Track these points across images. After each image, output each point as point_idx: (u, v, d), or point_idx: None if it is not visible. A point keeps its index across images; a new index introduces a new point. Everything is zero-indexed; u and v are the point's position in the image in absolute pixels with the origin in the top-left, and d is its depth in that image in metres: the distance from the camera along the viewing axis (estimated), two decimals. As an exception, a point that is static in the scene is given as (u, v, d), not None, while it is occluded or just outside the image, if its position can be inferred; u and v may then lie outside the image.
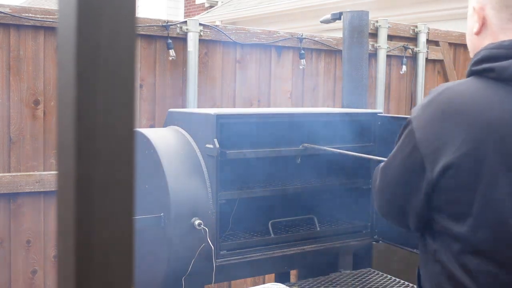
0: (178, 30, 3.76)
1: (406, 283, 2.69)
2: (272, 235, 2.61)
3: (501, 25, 1.48)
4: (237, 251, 2.50)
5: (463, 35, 5.16)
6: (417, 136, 1.41)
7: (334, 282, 2.66)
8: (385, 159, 1.60)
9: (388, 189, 1.56)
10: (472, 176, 1.36)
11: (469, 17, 1.57)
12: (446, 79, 5.08)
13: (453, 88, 1.45)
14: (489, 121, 1.36)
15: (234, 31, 4.00)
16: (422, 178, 1.42)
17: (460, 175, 1.36)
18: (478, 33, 1.53)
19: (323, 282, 2.65)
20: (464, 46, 5.19)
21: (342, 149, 2.68)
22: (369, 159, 2.68)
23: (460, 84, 1.46)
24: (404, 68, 4.74)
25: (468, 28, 1.58)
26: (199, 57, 3.81)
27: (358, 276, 2.76)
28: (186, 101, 3.79)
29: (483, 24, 1.51)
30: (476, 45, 1.54)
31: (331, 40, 4.38)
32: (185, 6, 15.14)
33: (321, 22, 3.64)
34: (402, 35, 4.79)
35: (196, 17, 9.80)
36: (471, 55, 1.58)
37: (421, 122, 1.42)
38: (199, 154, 2.45)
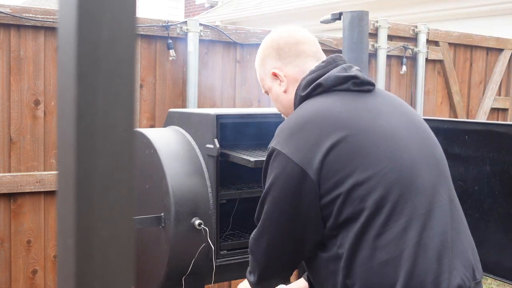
0: (178, 30, 3.76)
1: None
2: (272, 235, 2.60)
3: (302, 70, 1.75)
4: (237, 251, 2.50)
5: (463, 35, 5.16)
6: (285, 151, 1.58)
7: (334, 282, 2.66)
8: None
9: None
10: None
11: (272, 85, 1.81)
12: (446, 79, 5.08)
13: (295, 114, 1.67)
14: (345, 113, 1.60)
15: (234, 31, 4.00)
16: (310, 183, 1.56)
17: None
18: (286, 91, 1.78)
19: (323, 282, 2.65)
20: (464, 46, 5.20)
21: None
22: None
23: (299, 108, 1.68)
24: (404, 68, 4.74)
25: (275, 94, 1.82)
26: (199, 57, 3.81)
27: (358, 276, 2.75)
28: (186, 101, 3.79)
29: (288, 81, 1.77)
30: (289, 101, 1.78)
31: (331, 40, 4.38)
32: (185, 6, 15.14)
33: (321, 22, 3.64)
34: (402, 35, 4.79)
35: (196, 17, 9.80)
36: (288, 113, 1.80)
37: (283, 142, 1.60)
38: (199, 154, 2.45)
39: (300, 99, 1.71)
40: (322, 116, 1.60)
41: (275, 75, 1.79)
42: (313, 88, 1.68)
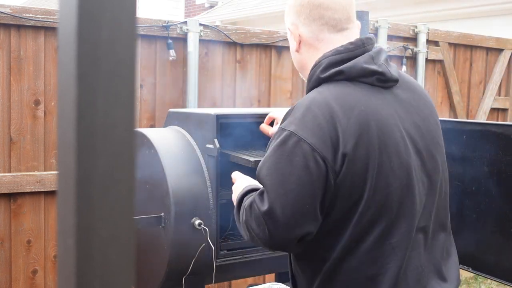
0: (178, 30, 3.76)
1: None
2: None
3: (315, 37, 1.67)
4: (237, 251, 2.50)
5: (463, 35, 5.16)
6: (310, 142, 1.48)
7: (334, 282, 2.66)
8: None
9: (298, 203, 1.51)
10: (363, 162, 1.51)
11: (289, 38, 1.75)
12: (446, 79, 5.08)
13: (318, 98, 1.56)
14: (365, 116, 1.53)
15: (234, 31, 4.00)
16: (326, 173, 1.49)
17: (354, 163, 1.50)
18: (298, 50, 1.72)
19: (323, 282, 2.64)
20: (464, 46, 5.20)
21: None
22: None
23: (321, 92, 1.58)
24: (404, 68, 4.73)
25: (290, 48, 1.76)
26: (199, 57, 3.81)
27: (358, 276, 2.75)
28: (186, 101, 3.79)
29: (300, 42, 1.70)
30: (300, 61, 1.74)
31: (331, 40, 4.38)
32: (185, 6, 15.15)
33: (321, 22, 3.64)
34: (402, 35, 4.79)
35: (196, 17, 9.80)
36: (300, 71, 1.76)
37: (307, 130, 1.50)
38: (199, 154, 2.45)
39: (318, 80, 1.61)
40: (346, 112, 1.52)
41: (291, 30, 1.71)
42: (334, 73, 1.58)
